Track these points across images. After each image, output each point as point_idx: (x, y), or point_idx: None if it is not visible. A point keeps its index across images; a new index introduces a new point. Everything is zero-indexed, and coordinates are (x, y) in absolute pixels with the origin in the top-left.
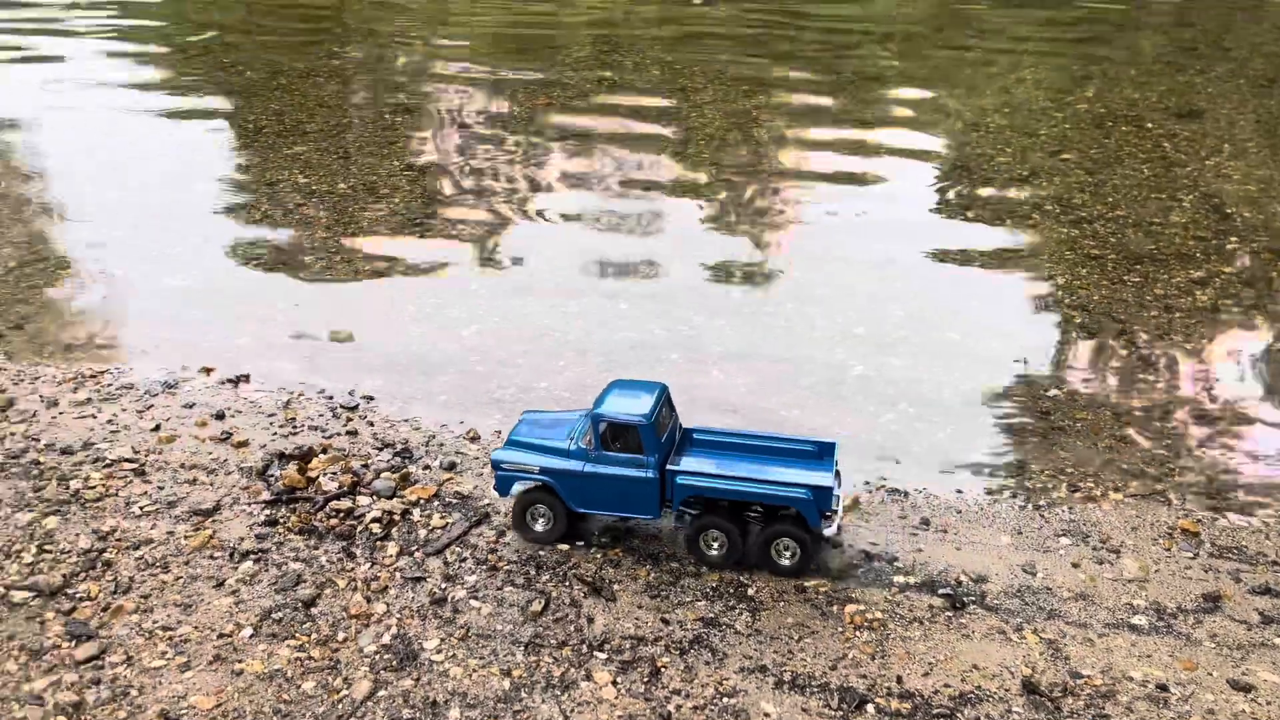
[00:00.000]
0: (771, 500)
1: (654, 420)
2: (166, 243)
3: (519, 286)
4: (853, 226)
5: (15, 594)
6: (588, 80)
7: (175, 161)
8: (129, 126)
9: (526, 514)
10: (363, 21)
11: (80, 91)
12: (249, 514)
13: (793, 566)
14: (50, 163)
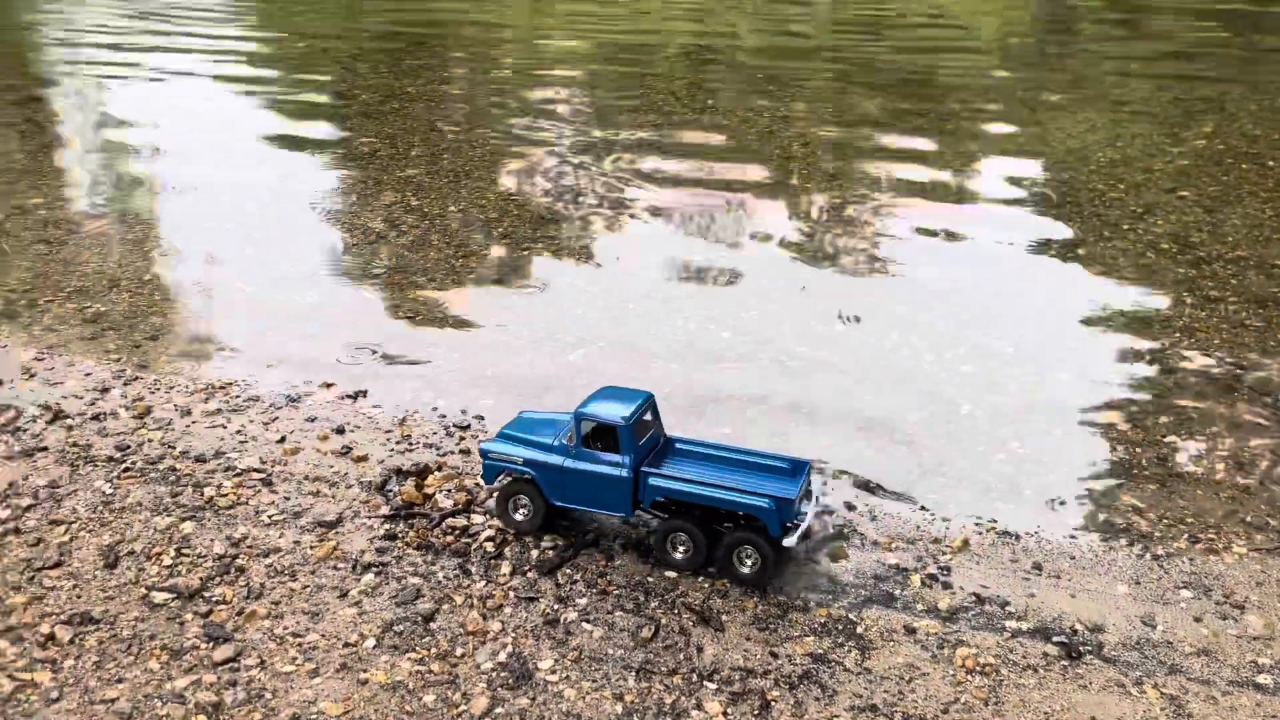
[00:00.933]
0: (734, 507)
1: (633, 423)
2: (287, 261)
3: (626, 313)
4: (955, 259)
5: (157, 595)
6: (685, 109)
7: (292, 181)
8: (245, 146)
9: (509, 503)
10: (464, 46)
11: (197, 111)
12: (369, 527)
13: (752, 575)
14: (174, 182)
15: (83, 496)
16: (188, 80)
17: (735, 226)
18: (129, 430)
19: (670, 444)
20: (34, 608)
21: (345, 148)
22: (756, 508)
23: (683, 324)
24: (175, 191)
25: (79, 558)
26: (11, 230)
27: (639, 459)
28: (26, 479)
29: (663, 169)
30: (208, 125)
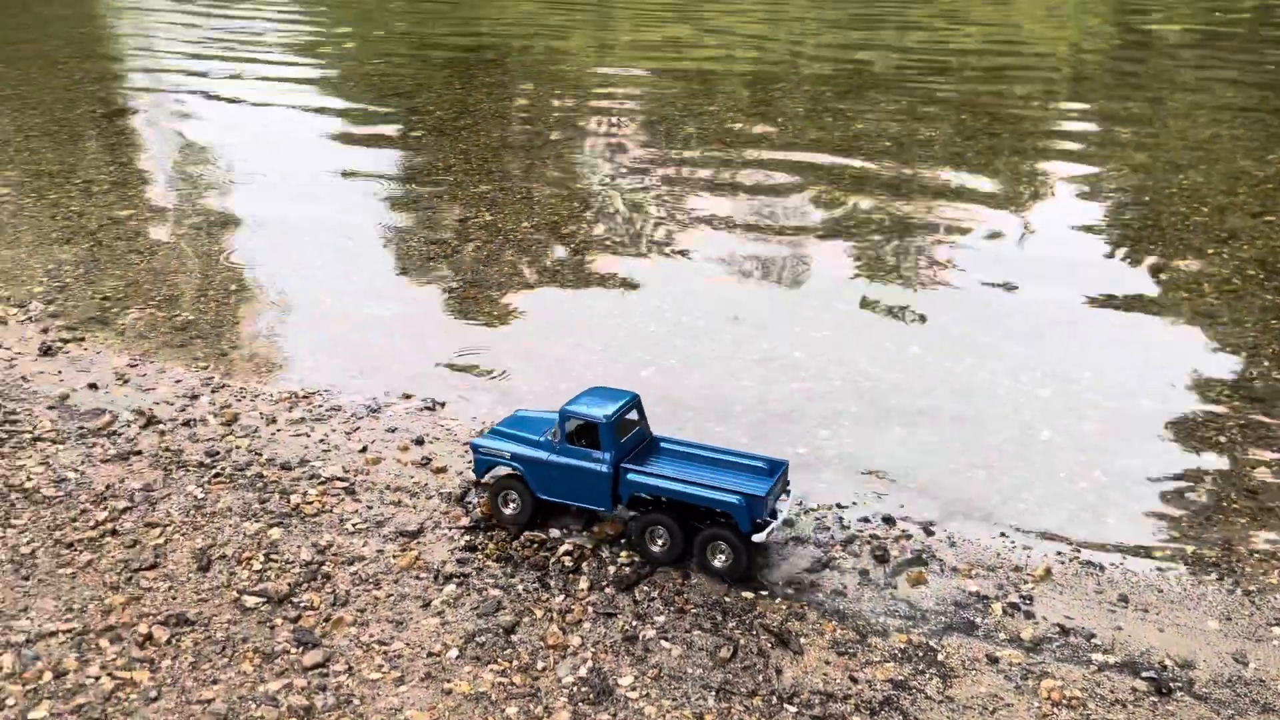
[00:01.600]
0: (705, 503)
1: (614, 421)
2: (365, 274)
3: (696, 331)
4: (1035, 279)
5: (248, 599)
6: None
7: (367, 196)
8: (321, 161)
9: (499, 497)
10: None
11: (271, 126)
12: (450, 538)
13: (724, 569)
14: (252, 197)
15: (176, 500)
16: (262, 94)
17: (802, 248)
18: (218, 437)
19: (655, 442)
20: (132, 608)
21: (420, 164)
22: (727, 504)
23: (753, 342)
24: (253, 208)
25: (173, 560)
26: (104, 240)
27: (619, 455)
28: (123, 482)
29: (729, 189)
30: (283, 141)
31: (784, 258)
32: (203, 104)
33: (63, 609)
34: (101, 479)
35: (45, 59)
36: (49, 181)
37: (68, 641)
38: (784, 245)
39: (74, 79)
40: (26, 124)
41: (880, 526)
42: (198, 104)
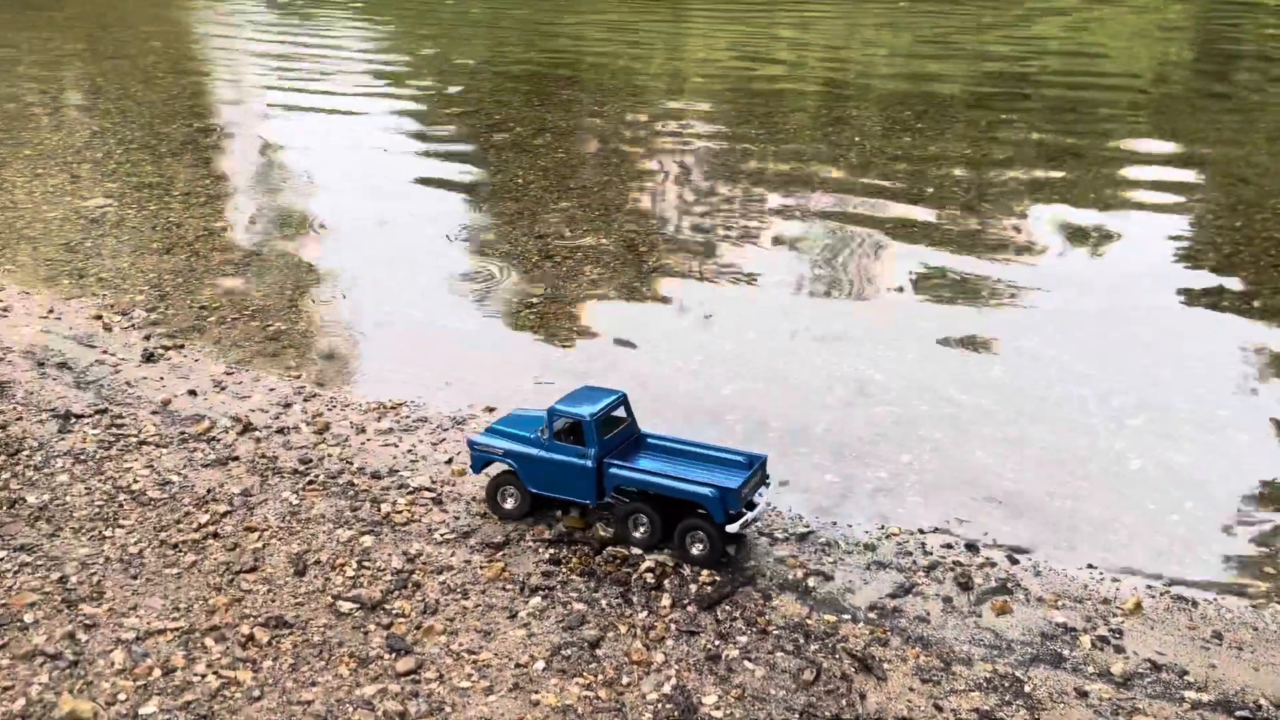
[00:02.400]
0: (682, 495)
1: (598, 418)
2: (450, 287)
3: (776, 350)
4: (1124, 305)
5: (342, 604)
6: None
7: (450, 212)
8: (402, 177)
9: (498, 493)
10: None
11: (355, 141)
12: (534, 551)
13: (701, 556)
14: (338, 212)
15: (272, 506)
16: (344, 110)
17: (880, 265)
18: (310, 445)
19: (642, 438)
20: (234, 609)
21: (501, 180)
22: (701, 496)
23: (835, 363)
24: (341, 221)
25: (271, 564)
26: (201, 251)
27: (603, 451)
28: (223, 486)
29: (801, 209)
30: (365, 156)
31: (860, 279)
32: (289, 120)
33: (169, 608)
34: (203, 483)
35: (143, 73)
36: (148, 193)
37: (175, 639)
38: (859, 267)
39: (171, 93)
40: (127, 137)
41: (963, 553)
42: (284, 119)
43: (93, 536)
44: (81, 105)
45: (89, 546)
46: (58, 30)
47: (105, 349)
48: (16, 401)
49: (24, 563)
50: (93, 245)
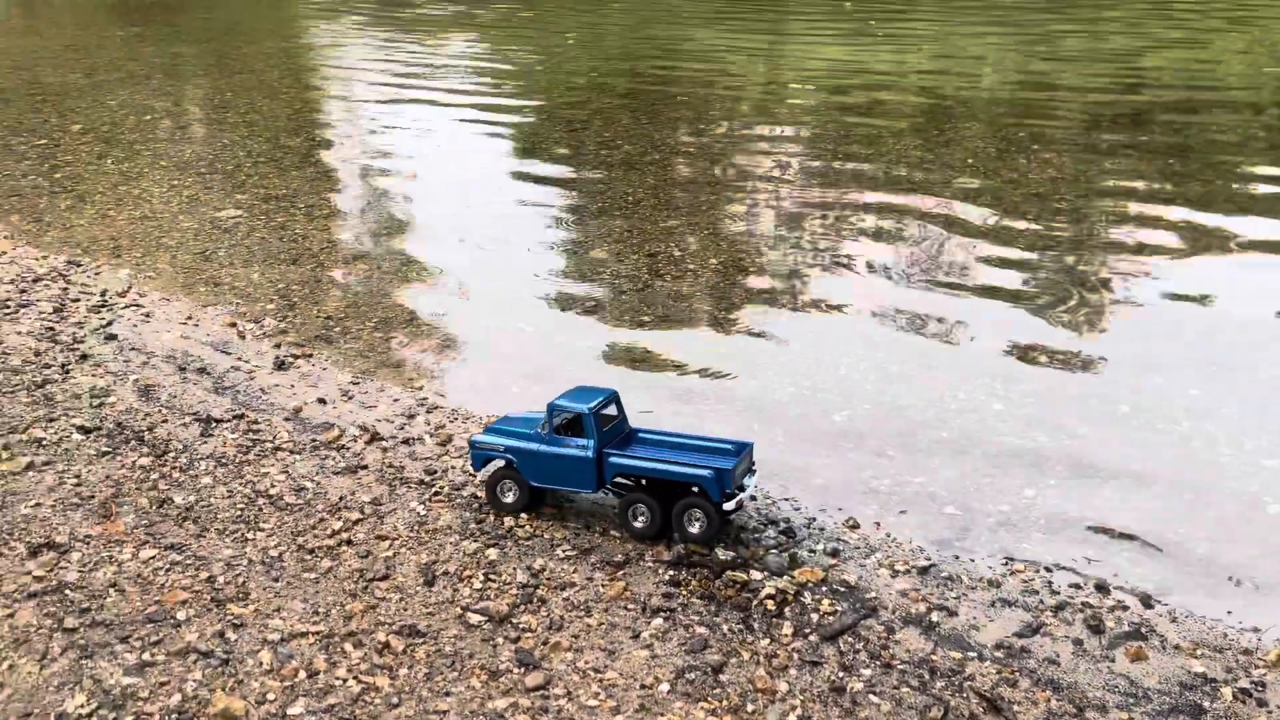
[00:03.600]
0: (681, 478)
1: (596, 412)
2: (563, 305)
3: (889, 376)
4: (1258, 338)
5: (471, 616)
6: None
7: (561, 228)
8: (514, 193)
9: (497, 488)
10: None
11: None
12: (653, 571)
13: (700, 534)
14: (450, 225)
15: (401, 515)
16: (455, 124)
17: (998, 293)
18: (434, 456)
19: (634, 433)
20: (369, 615)
21: (611, 198)
22: (700, 477)
23: (950, 391)
24: (455, 236)
25: (402, 573)
26: (326, 262)
27: (602, 443)
28: (353, 494)
29: (918, 228)
30: (477, 171)
31: (974, 307)
32: (403, 135)
33: (309, 611)
34: (335, 490)
35: (268, 88)
36: (275, 205)
37: (316, 643)
38: (974, 294)
39: (294, 108)
40: (254, 150)
41: (1093, 594)
42: (399, 135)
43: (236, 538)
44: (211, 118)
45: (233, 548)
46: (186, 45)
47: (240, 356)
48: (161, 404)
49: (174, 561)
50: (225, 255)
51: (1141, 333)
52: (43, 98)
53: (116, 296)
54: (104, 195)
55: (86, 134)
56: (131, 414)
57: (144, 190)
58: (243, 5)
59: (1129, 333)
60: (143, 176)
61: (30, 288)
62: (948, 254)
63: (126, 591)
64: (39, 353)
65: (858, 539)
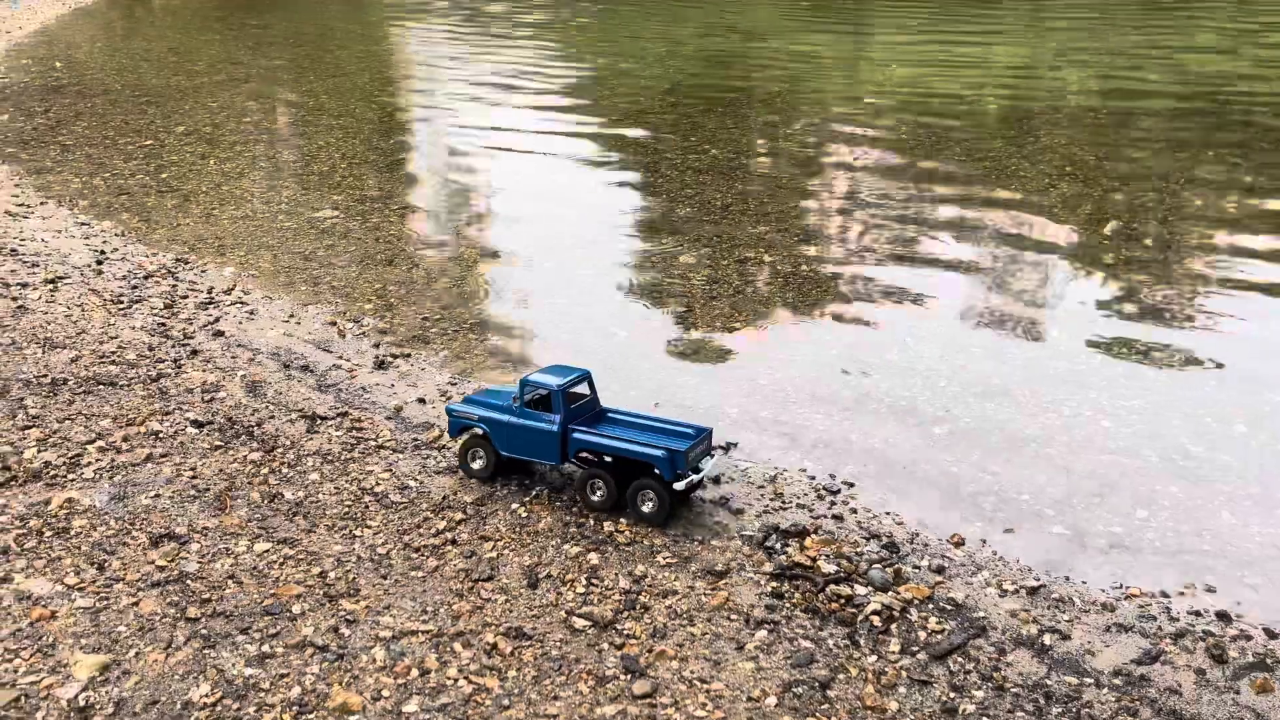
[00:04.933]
0: (635, 456)
1: (565, 389)
2: (655, 310)
3: (990, 390)
4: None
5: (576, 620)
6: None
7: (650, 234)
8: (603, 199)
9: (468, 454)
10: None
11: (556, 164)
12: (755, 583)
13: (652, 514)
14: (540, 232)
15: (503, 517)
16: (543, 130)
17: (1106, 307)
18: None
19: (603, 412)
20: (476, 616)
21: (700, 203)
22: (653, 456)
23: (1057, 405)
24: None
25: (506, 574)
26: (420, 263)
27: (568, 418)
28: (456, 494)
29: (1022, 236)
30: (564, 178)
31: (1082, 320)
32: (493, 139)
33: (418, 610)
34: (437, 489)
35: (360, 91)
36: (370, 206)
37: (426, 642)
38: (1083, 308)
39: (386, 110)
40: (349, 152)
41: (1214, 622)
42: (487, 138)
43: (344, 535)
44: (306, 120)
45: (342, 544)
46: (280, 49)
47: (341, 354)
48: (268, 400)
49: (287, 555)
50: (324, 254)
51: (1257, 348)
52: (148, 99)
53: (222, 294)
54: (207, 195)
55: (190, 135)
56: (240, 409)
57: (245, 190)
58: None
59: (1243, 348)
60: (243, 177)
61: (142, 284)
62: (1048, 263)
63: (244, 584)
64: (152, 347)
65: (963, 556)
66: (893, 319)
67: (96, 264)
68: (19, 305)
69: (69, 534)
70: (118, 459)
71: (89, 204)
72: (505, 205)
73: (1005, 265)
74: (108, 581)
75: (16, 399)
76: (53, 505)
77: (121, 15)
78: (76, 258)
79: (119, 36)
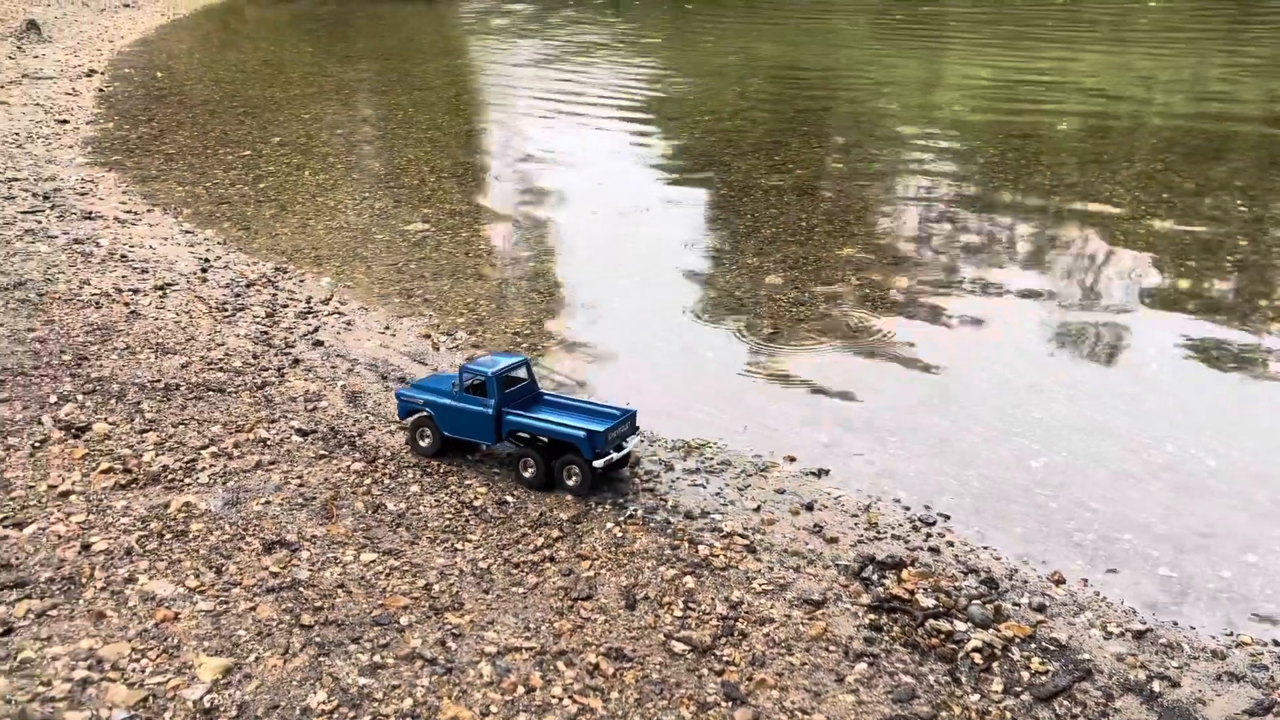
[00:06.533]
0: (558, 435)
1: (500, 376)
2: (745, 332)
3: (1091, 426)
4: None
5: (675, 644)
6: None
7: (736, 253)
8: (686, 219)
9: (417, 434)
10: (881, 121)
11: (640, 182)
12: (852, 614)
13: (576, 487)
14: (626, 252)
15: (598, 535)
16: (624, 150)
17: (1214, 344)
18: (624, 478)
19: (540, 396)
20: (577, 635)
21: (784, 223)
22: (574, 437)
23: (1157, 443)
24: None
25: (603, 594)
26: (509, 278)
27: (502, 402)
28: (552, 511)
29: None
30: (650, 197)
31: (1186, 358)
32: (576, 153)
33: (521, 627)
34: (534, 505)
35: (448, 105)
36: (459, 220)
37: (531, 659)
38: (1186, 344)
39: (472, 125)
40: (438, 165)
41: None
42: (572, 153)
43: (446, 548)
44: (396, 133)
45: (444, 557)
46: (369, 62)
47: (435, 367)
48: (368, 411)
49: (393, 566)
50: (416, 267)
51: None
52: (245, 110)
53: (320, 304)
54: (303, 205)
55: (285, 146)
56: (342, 419)
57: (339, 202)
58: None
59: None
60: (337, 188)
61: (244, 292)
62: (1147, 294)
63: (353, 593)
64: (256, 355)
65: (1064, 595)
66: (982, 346)
67: (201, 271)
68: (132, 310)
69: (187, 537)
70: (230, 465)
71: (192, 212)
72: (589, 222)
73: (1100, 296)
74: (226, 585)
75: (133, 403)
76: (171, 508)
77: (217, 27)
78: (182, 265)
79: (215, 48)
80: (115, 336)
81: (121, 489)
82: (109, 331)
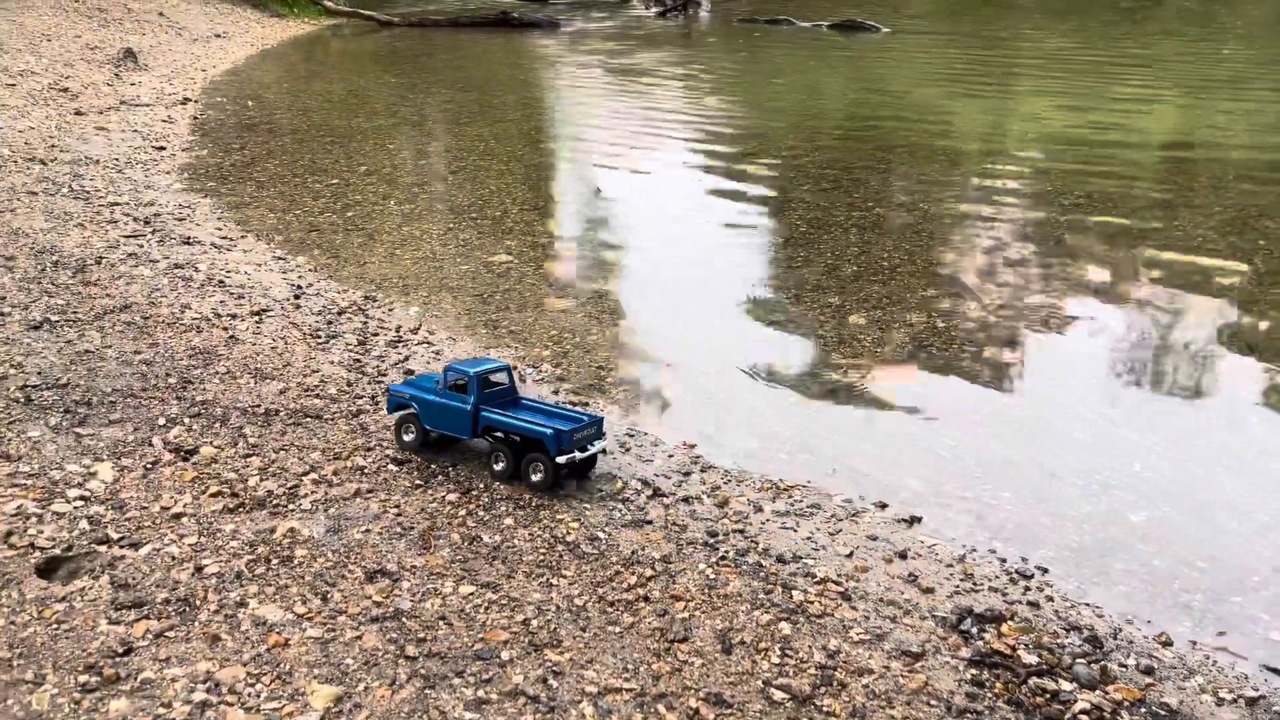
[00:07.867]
0: (526, 433)
1: (481, 376)
2: (826, 370)
3: (1192, 480)
4: None
5: (774, 691)
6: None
7: (817, 291)
8: (764, 252)
9: (402, 428)
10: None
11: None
12: (952, 667)
13: (540, 482)
14: (704, 286)
15: (691, 576)
16: (700, 181)
17: None
18: (714, 518)
19: (518, 399)
20: (675, 678)
21: (867, 260)
22: (541, 434)
23: (1263, 502)
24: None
25: (699, 637)
26: (593, 312)
27: (481, 401)
28: (644, 549)
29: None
30: (725, 231)
31: None
32: (656, 189)
33: (619, 667)
34: (625, 543)
35: (526, 137)
36: (541, 252)
37: (630, 701)
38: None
39: (549, 156)
40: (519, 197)
41: None
42: (652, 189)
43: (541, 583)
44: (479, 165)
45: (540, 592)
46: (451, 93)
47: None
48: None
49: (491, 600)
50: (501, 298)
51: None
52: (332, 140)
53: (409, 333)
54: (390, 235)
55: (371, 175)
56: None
57: (424, 231)
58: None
59: None
60: (422, 219)
61: (336, 319)
62: (1253, 343)
63: (454, 625)
64: (350, 383)
65: (1172, 657)
66: (1076, 393)
67: (295, 298)
68: (230, 336)
69: (293, 563)
70: (330, 492)
71: (284, 239)
72: (669, 259)
73: (1200, 345)
74: (331, 613)
75: (236, 427)
76: (277, 533)
77: (303, 57)
78: (276, 291)
79: (302, 78)
80: (216, 361)
81: (230, 512)
82: (210, 355)
